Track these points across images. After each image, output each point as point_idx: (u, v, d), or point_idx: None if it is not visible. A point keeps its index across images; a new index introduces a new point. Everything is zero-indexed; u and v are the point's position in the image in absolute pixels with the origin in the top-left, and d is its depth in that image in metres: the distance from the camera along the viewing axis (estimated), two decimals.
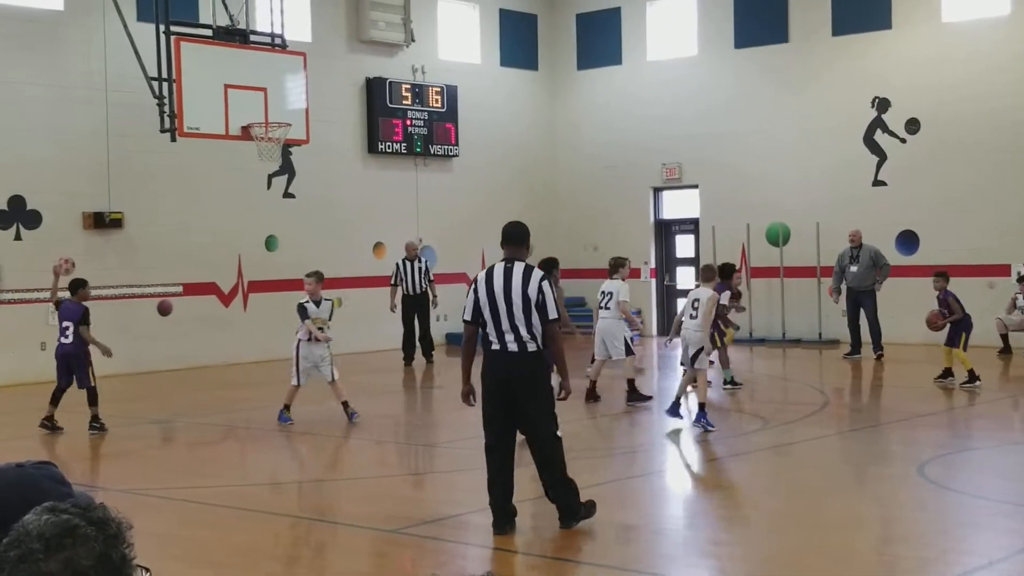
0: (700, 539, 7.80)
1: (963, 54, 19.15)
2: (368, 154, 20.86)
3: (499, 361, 7.48)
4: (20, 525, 1.94)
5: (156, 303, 17.85)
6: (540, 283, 7.46)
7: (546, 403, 7.59)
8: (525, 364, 7.45)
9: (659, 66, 22.55)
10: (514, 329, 7.42)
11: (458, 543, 7.44)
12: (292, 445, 11.61)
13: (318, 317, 12.51)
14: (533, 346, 7.46)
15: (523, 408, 7.50)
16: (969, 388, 13.98)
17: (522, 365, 7.44)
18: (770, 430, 11.83)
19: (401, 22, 21.01)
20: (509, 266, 7.54)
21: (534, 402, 7.50)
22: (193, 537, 8.07)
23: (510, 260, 7.59)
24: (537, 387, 7.52)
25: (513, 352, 7.44)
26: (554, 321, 7.49)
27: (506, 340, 7.45)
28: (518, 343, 7.43)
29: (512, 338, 7.43)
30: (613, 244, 22.34)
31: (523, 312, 7.40)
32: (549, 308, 7.44)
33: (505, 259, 7.62)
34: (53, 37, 16.92)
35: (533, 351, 7.46)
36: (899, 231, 19.73)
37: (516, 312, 7.40)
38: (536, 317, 7.43)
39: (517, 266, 7.54)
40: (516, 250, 7.67)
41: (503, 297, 7.43)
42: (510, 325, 7.42)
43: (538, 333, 7.46)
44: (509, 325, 7.42)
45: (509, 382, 7.47)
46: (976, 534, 7.50)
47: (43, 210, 16.80)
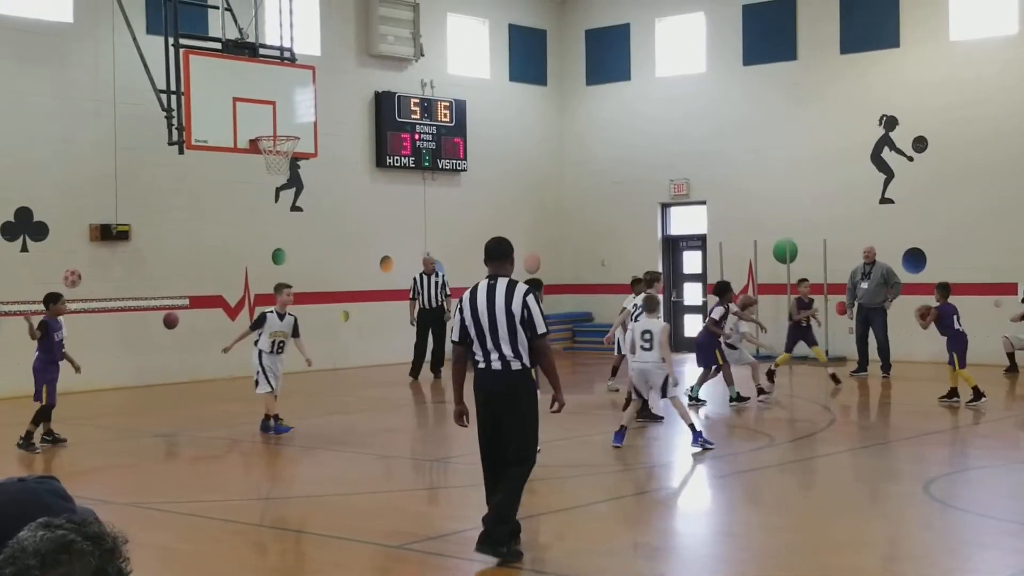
0: (705, 556, 7.77)
1: (971, 73, 19.16)
2: (376, 168, 20.90)
3: (485, 379, 7.38)
4: (15, 541, 1.93)
5: (162, 316, 17.96)
6: (525, 298, 7.31)
7: (526, 423, 7.40)
8: (508, 382, 7.31)
9: (668, 82, 22.59)
10: (498, 347, 7.28)
11: (463, 559, 7.41)
12: (296, 460, 11.59)
13: (280, 331, 12.50)
14: (518, 364, 7.31)
15: (505, 426, 7.36)
16: (975, 407, 13.93)
17: (505, 383, 7.31)
18: (776, 447, 11.79)
19: (410, 36, 21.07)
20: (492, 283, 7.41)
21: (514, 421, 7.35)
22: (196, 552, 8.06)
23: (493, 277, 7.45)
24: (519, 406, 7.35)
25: (497, 370, 7.31)
26: (543, 336, 7.33)
27: (491, 359, 7.32)
28: (502, 361, 7.29)
29: (496, 356, 7.30)
30: (621, 260, 22.36)
31: (508, 329, 7.26)
32: (536, 323, 7.30)
33: (488, 276, 7.48)
34: (62, 49, 16.99)
35: (517, 369, 7.31)
36: (906, 249, 19.71)
37: (501, 330, 7.26)
38: (522, 334, 7.28)
39: (500, 282, 7.40)
40: (500, 266, 7.52)
41: (487, 315, 7.29)
42: (494, 343, 7.28)
43: (524, 350, 7.30)
44: (493, 343, 7.28)
45: (493, 400, 7.35)
46: (981, 553, 7.46)
47: (50, 222, 16.83)
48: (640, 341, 11.53)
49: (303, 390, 17.09)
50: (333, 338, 19.83)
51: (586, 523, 8.72)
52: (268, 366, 12.40)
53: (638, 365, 11.53)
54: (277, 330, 12.49)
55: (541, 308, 7.43)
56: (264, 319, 12.50)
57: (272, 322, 12.49)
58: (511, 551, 7.24)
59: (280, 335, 12.50)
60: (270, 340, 12.43)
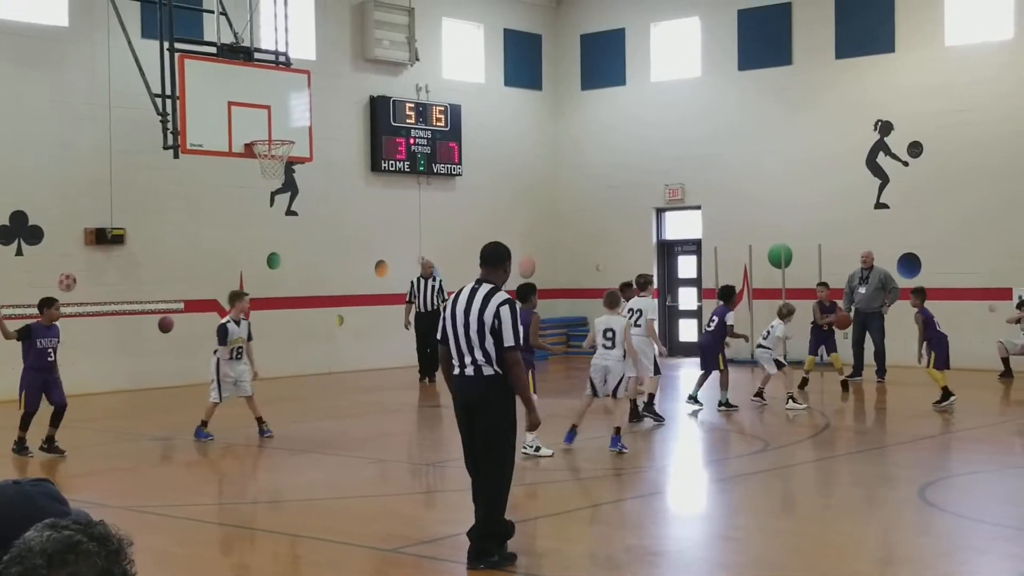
0: (701, 561, 7.76)
1: (966, 78, 19.19)
2: (371, 172, 20.90)
3: (459, 384, 7.32)
4: (22, 541, 1.94)
5: (157, 319, 17.94)
6: (499, 308, 7.16)
7: (499, 430, 7.24)
8: (480, 387, 7.18)
9: (663, 87, 22.61)
10: (470, 351, 7.20)
11: (458, 563, 7.40)
12: (292, 463, 11.58)
13: (239, 336, 12.61)
14: (490, 370, 7.17)
15: (478, 432, 7.24)
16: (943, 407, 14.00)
17: (477, 389, 7.19)
18: (771, 452, 11.79)
19: (405, 41, 21.08)
20: (476, 287, 7.34)
21: (488, 429, 7.21)
22: (192, 555, 8.04)
23: (480, 281, 7.38)
24: (491, 412, 7.20)
25: (469, 376, 7.23)
26: (509, 349, 7.13)
27: (464, 362, 7.25)
28: (473, 366, 7.21)
29: (468, 360, 7.22)
30: (616, 264, 22.36)
31: (477, 335, 7.15)
32: (505, 335, 7.12)
33: (477, 279, 7.43)
34: (57, 53, 16.98)
35: (489, 375, 7.18)
36: (901, 254, 19.73)
37: (471, 335, 7.17)
38: (491, 342, 7.15)
39: (483, 288, 7.31)
40: (491, 272, 7.45)
41: (462, 319, 7.23)
42: (466, 347, 7.21)
43: (494, 358, 7.17)
44: (466, 347, 7.22)
45: (467, 406, 7.26)
46: (976, 558, 7.47)
47: (45, 226, 16.81)
48: (602, 339, 11.46)
49: (298, 394, 17.08)
50: (328, 342, 19.82)
51: (583, 527, 8.72)
52: (225, 373, 12.51)
53: (599, 362, 11.45)
54: (236, 336, 12.63)
55: (516, 321, 7.24)
56: (227, 330, 12.58)
57: (232, 330, 12.63)
58: (503, 556, 7.21)
59: (239, 341, 12.65)
60: (229, 348, 12.50)
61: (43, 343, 11.68)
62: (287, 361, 19.29)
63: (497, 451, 7.26)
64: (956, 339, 18.92)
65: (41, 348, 11.66)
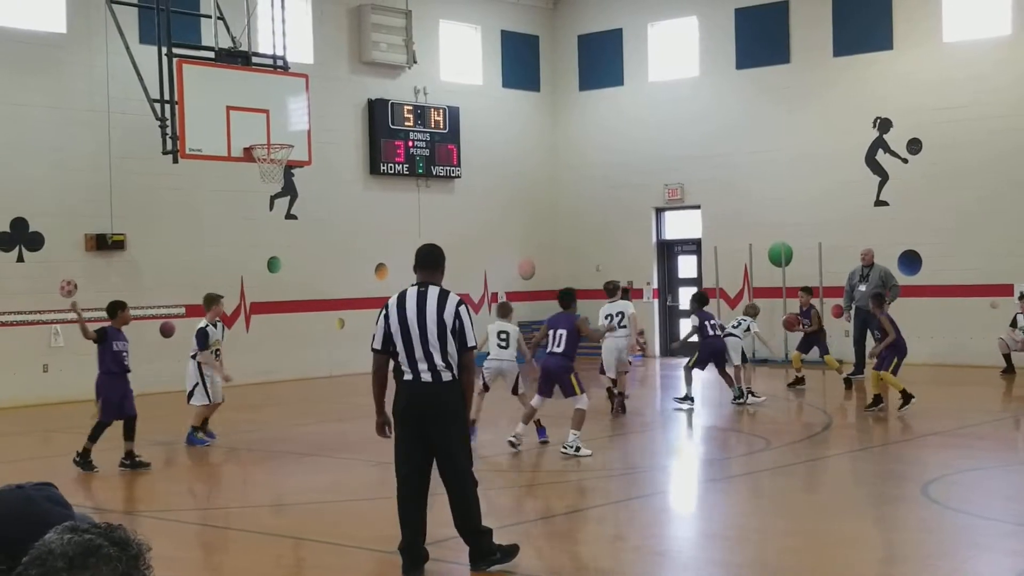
0: (703, 560, 7.76)
1: (964, 74, 19.20)
2: (370, 175, 20.91)
3: (412, 392, 7.05)
4: (43, 544, 1.95)
5: (158, 324, 17.94)
6: (457, 308, 7.05)
7: (461, 437, 7.14)
8: (440, 394, 7.00)
9: (661, 87, 22.62)
10: (428, 357, 6.97)
11: (458, 564, 7.40)
12: (294, 466, 11.58)
13: (217, 339, 12.78)
14: (448, 375, 7.00)
15: (438, 442, 7.05)
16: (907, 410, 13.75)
17: (437, 396, 7.00)
18: (773, 451, 11.79)
19: (403, 43, 21.08)
20: (423, 290, 7.12)
21: (449, 436, 7.04)
22: (194, 559, 8.05)
23: (424, 284, 7.17)
24: (453, 419, 7.05)
25: (427, 382, 6.99)
26: (471, 349, 7.06)
27: (419, 369, 7.00)
28: (432, 372, 6.98)
29: (426, 367, 6.99)
30: (616, 264, 22.37)
31: (438, 339, 6.97)
32: (467, 335, 7.02)
33: (418, 283, 7.20)
34: (56, 59, 16.99)
35: (448, 381, 7.00)
36: (901, 251, 19.73)
37: (431, 339, 6.96)
38: (452, 344, 7.00)
39: (431, 290, 7.12)
40: (430, 274, 7.24)
41: (417, 323, 7.00)
42: (424, 353, 6.97)
43: (454, 362, 7.01)
44: (423, 353, 6.97)
45: (423, 414, 7.02)
46: (980, 555, 7.47)
47: (45, 232, 16.82)
48: (497, 340, 12.28)
49: (300, 398, 17.09)
50: (329, 346, 19.82)
51: (584, 527, 8.72)
52: (209, 375, 12.60)
53: (495, 363, 12.26)
54: (216, 339, 12.76)
55: (472, 321, 7.16)
56: (206, 333, 12.68)
57: (211, 333, 12.74)
58: (504, 552, 7.16)
59: (217, 344, 12.78)
60: (212, 351, 12.64)
61: (118, 346, 11.47)
62: (288, 365, 19.30)
63: (461, 458, 7.14)
64: (958, 336, 19.01)
65: (117, 351, 11.42)
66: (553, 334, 11.55)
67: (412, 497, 7.11)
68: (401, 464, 7.16)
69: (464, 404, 7.15)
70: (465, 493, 7.14)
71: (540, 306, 22.86)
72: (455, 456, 7.10)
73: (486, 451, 11.64)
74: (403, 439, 7.14)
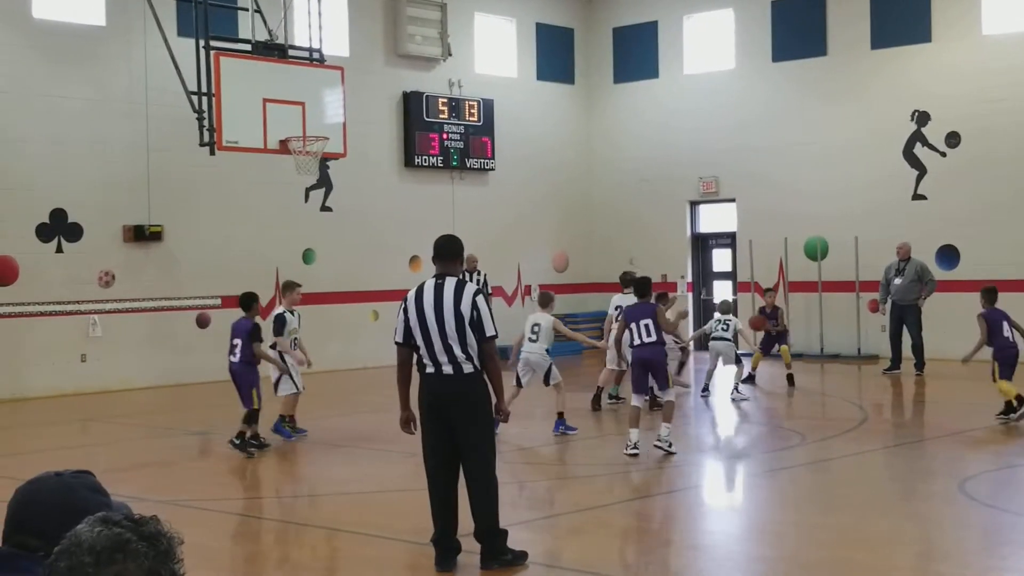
0: (738, 554, 7.73)
1: (1003, 66, 18.96)
2: (404, 168, 20.95)
3: (434, 385, 7.01)
4: (73, 535, 1.95)
5: (195, 315, 18.09)
6: (474, 298, 6.96)
7: (485, 430, 7.09)
8: (462, 387, 6.94)
9: (696, 79, 22.50)
10: (448, 350, 6.92)
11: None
12: (328, 457, 11.64)
13: (295, 327, 12.58)
14: (470, 367, 6.95)
15: (461, 435, 6.99)
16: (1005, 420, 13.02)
17: (459, 388, 6.94)
18: (808, 446, 11.72)
19: (438, 36, 21.10)
20: (440, 282, 7.05)
21: (472, 429, 7.00)
22: (229, 549, 8.11)
23: (441, 276, 7.10)
24: (476, 412, 7.00)
25: (448, 375, 6.95)
26: (491, 339, 6.97)
27: (440, 362, 6.96)
28: (453, 365, 6.94)
29: (446, 359, 6.94)
30: (650, 258, 22.30)
31: (456, 331, 6.90)
32: (486, 325, 6.95)
33: (436, 275, 7.14)
34: (95, 52, 17.14)
35: (470, 372, 6.95)
36: (939, 245, 19.53)
37: (449, 331, 6.90)
38: (471, 336, 6.93)
39: (448, 282, 7.04)
40: (448, 265, 7.17)
41: (434, 316, 6.94)
42: (443, 346, 6.92)
43: (474, 353, 6.95)
44: (442, 346, 6.93)
45: (446, 407, 6.97)
46: (1019, 552, 7.39)
47: (84, 223, 16.98)
48: (529, 333, 12.26)
49: (333, 389, 17.16)
50: (363, 337, 19.89)
51: (619, 520, 8.71)
52: (292, 364, 12.41)
53: (523, 355, 12.27)
54: (293, 327, 12.56)
55: (491, 310, 7.11)
56: (284, 320, 12.52)
57: (291, 321, 12.53)
58: (515, 555, 7.10)
59: (295, 332, 12.58)
60: (289, 339, 12.46)
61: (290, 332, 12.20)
62: (322, 356, 19.32)
63: (484, 451, 7.09)
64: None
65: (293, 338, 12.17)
66: (636, 326, 10.97)
67: (442, 490, 7.11)
68: (429, 457, 7.16)
69: (488, 395, 7.10)
70: (487, 488, 7.08)
71: (573, 299, 22.83)
72: (477, 449, 7.06)
73: (522, 442, 11.64)
74: (429, 432, 7.12)
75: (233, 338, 11.87)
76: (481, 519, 7.09)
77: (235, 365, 11.79)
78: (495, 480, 7.15)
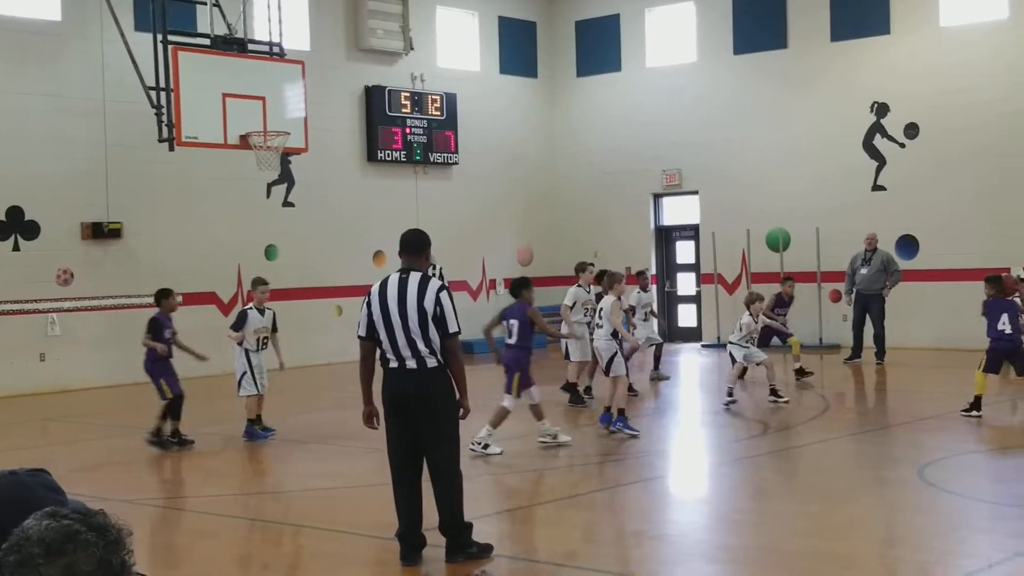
0: (703, 544, 7.78)
1: (961, 58, 19.17)
2: (367, 162, 20.88)
3: (398, 380, 6.96)
4: (20, 530, 1.94)
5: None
6: (438, 294, 6.93)
7: (449, 424, 7.04)
8: (426, 381, 6.91)
9: (658, 72, 22.58)
10: (411, 344, 6.89)
11: None
12: (290, 454, 11.59)
13: (263, 327, 12.41)
14: (433, 361, 6.91)
15: (424, 429, 6.97)
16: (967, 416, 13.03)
17: (422, 383, 6.91)
18: (772, 435, 11.81)
19: (400, 30, 21.03)
20: (404, 276, 7.01)
21: (436, 424, 6.98)
22: (194, 546, 8.06)
23: (406, 270, 7.07)
24: (439, 406, 6.97)
25: (412, 369, 6.91)
26: (454, 335, 6.96)
27: (403, 356, 6.92)
28: (416, 359, 6.90)
29: (410, 354, 6.90)
30: (614, 250, 22.36)
31: (419, 326, 6.87)
32: (448, 321, 6.92)
33: (401, 269, 7.12)
34: (51, 48, 16.94)
35: (434, 367, 6.92)
36: (899, 236, 19.73)
37: (412, 326, 6.87)
38: (434, 331, 6.90)
39: (413, 276, 7.00)
40: (414, 260, 7.12)
41: (398, 311, 6.90)
42: (407, 340, 6.89)
43: (438, 348, 6.92)
44: (406, 340, 6.89)
45: (410, 402, 6.93)
46: (976, 537, 7.48)
47: (41, 221, 16.80)
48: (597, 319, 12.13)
49: (297, 385, 17.08)
50: (327, 333, 19.81)
51: (585, 512, 8.73)
52: (256, 364, 12.31)
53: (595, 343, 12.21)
54: (260, 326, 12.39)
55: (454, 306, 7.08)
56: (246, 316, 12.40)
57: (254, 319, 12.37)
58: (480, 547, 7.10)
59: (263, 331, 12.42)
60: (255, 337, 12.36)
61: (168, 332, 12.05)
62: (286, 352, 19.23)
63: (448, 445, 7.07)
64: (956, 319, 18.97)
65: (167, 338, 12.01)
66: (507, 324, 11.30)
67: (406, 484, 7.10)
68: (393, 452, 7.15)
69: (451, 389, 7.07)
70: (451, 482, 7.07)
71: (537, 292, 22.80)
72: (442, 443, 7.05)
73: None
74: (393, 427, 7.10)
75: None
76: (446, 512, 7.08)
77: (144, 361, 12.03)
78: (459, 474, 7.14)
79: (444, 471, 7.07)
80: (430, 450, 7.07)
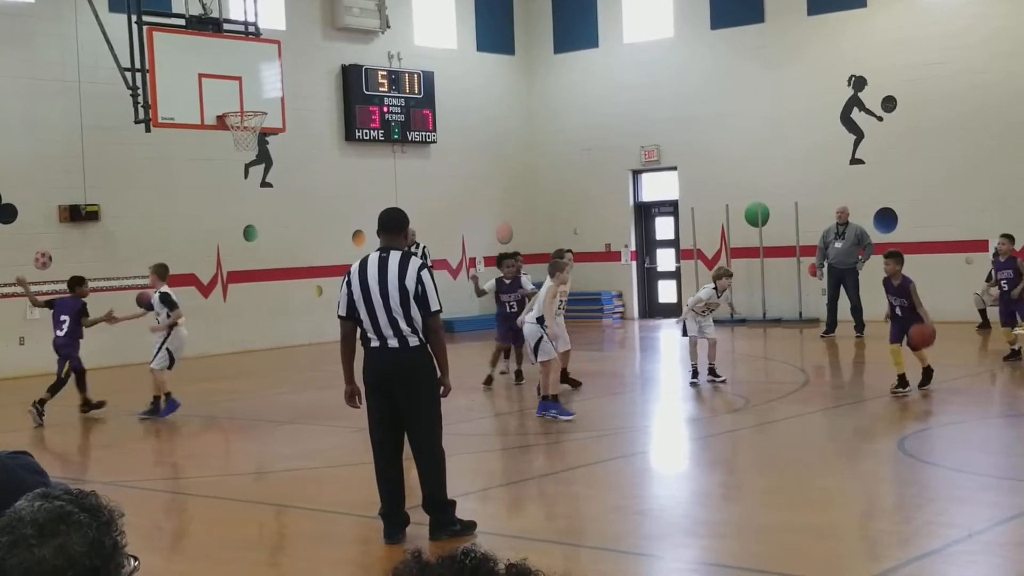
0: (684, 518, 7.83)
1: (938, 32, 19.21)
2: (345, 142, 20.79)
3: (379, 358, 6.95)
4: (13, 511, 1.94)
5: (134, 296, 17.84)
6: (419, 273, 6.93)
7: (431, 402, 7.04)
8: (407, 360, 6.91)
9: (636, 48, 22.53)
10: (393, 323, 6.88)
11: None
12: (274, 434, 11.59)
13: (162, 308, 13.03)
14: (415, 340, 6.91)
15: (407, 408, 6.97)
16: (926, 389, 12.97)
17: (404, 361, 6.91)
18: (752, 409, 11.88)
19: (376, 8, 20.91)
20: (384, 255, 7.00)
21: (418, 403, 6.97)
22: (177, 528, 8.06)
23: (385, 249, 7.05)
24: (422, 384, 6.98)
25: (394, 348, 6.91)
26: (436, 313, 6.97)
27: (385, 335, 6.91)
28: (398, 338, 6.90)
29: (392, 333, 6.90)
30: (593, 227, 22.38)
31: (401, 305, 6.87)
32: (430, 300, 6.93)
33: (380, 248, 7.10)
34: (25, 29, 16.78)
35: (416, 346, 6.92)
36: (877, 209, 19.81)
37: (393, 305, 6.86)
38: (415, 309, 6.90)
39: (393, 255, 7.00)
40: (393, 239, 7.11)
41: (379, 289, 6.89)
42: (388, 319, 6.88)
43: (419, 326, 6.92)
44: (387, 319, 6.88)
45: (391, 381, 6.94)
46: (956, 507, 7.56)
47: (18, 204, 16.68)
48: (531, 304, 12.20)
49: (279, 366, 17.07)
50: (307, 313, 19.78)
51: (567, 488, 8.77)
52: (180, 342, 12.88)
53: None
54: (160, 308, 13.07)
55: (435, 284, 7.08)
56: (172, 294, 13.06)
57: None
58: (463, 525, 7.13)
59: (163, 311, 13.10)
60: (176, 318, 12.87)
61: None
62: (266, 334, 19.26)
63: (430, 423, 7.07)
64: (934, 292, 19.02)
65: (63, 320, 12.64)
66: None
67: (389, 463, 7.11)
68: (375, 431, 7.15)
69: (433, 368, 7.07)
70: (434, 460, 7.08)
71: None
72: (423, 422, 7.05)
73: (469, 414, 11.68)
74: (374, 406, 7.10)
75: (60, 315, 12.61)
76: (429, 490, 7.10)
77: (60, 339, 12.62)
78: (442, 452, 7.16)
79: (426, 449, 7.09)
80: (412, 428, 7.08)
